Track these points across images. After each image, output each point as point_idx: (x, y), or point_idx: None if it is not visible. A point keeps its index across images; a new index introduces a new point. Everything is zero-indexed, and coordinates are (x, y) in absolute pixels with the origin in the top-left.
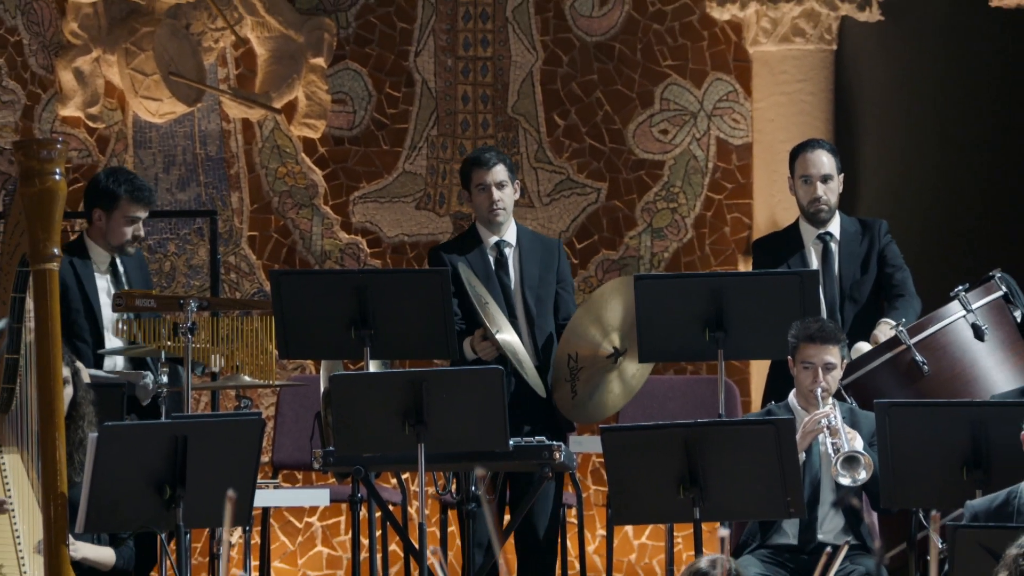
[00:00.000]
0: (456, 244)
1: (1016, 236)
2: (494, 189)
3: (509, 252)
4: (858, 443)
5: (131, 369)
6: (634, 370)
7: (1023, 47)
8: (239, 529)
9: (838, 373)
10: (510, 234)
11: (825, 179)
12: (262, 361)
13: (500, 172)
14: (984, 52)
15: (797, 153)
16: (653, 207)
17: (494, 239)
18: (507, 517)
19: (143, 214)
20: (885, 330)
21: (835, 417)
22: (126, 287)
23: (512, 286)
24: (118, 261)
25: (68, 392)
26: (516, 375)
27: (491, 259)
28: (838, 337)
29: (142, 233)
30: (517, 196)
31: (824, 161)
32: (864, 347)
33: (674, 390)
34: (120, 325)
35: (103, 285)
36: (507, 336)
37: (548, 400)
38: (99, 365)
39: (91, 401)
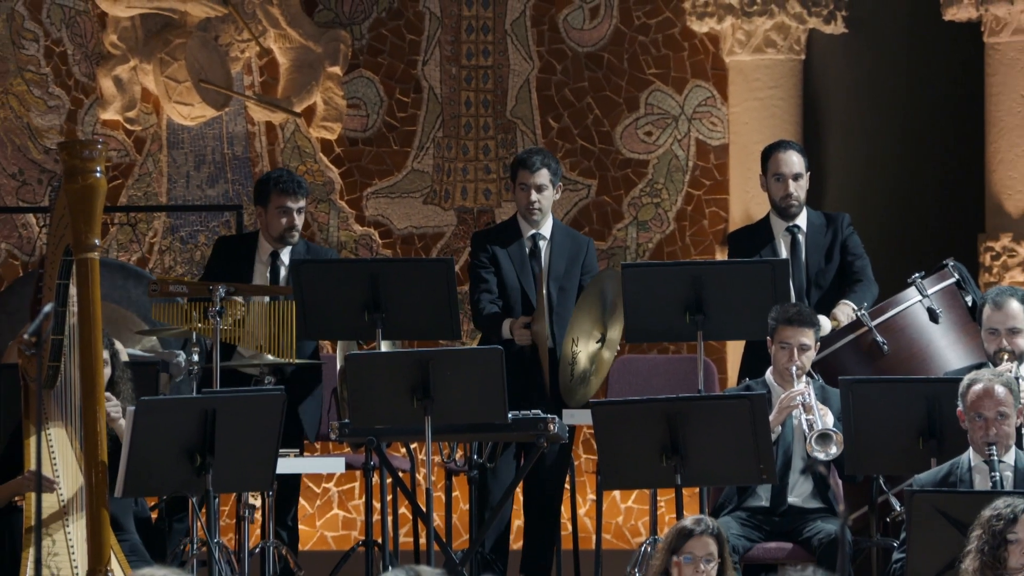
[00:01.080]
0: (497, 231)
1: (968, 228)
2: (533, 192)
3: (543, 244)
4: (830, 419)
5: (166, 349)
6: (607, 356)
7: (973, 56)
8: (263, 493)
9: (812, 354)
10: (546, 228)
11: (795, 177)
12: (284, 340)
13: (542, 176)
14: (938, 61)
15: (769, 153)
16: (638, 202)
17: (531, 231)
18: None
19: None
20: (845, 310)
21: (809, 395)
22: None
23: (543, 276)
24: (282, 254)
25: (106, 372)
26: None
27: (527, 249)
28: (813, 321)
29: (298, 222)
30: (558, 196)
31: (794, 160)
32: (825, 324)
33: (657, 368)
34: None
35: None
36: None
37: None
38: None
39: (128, 379)
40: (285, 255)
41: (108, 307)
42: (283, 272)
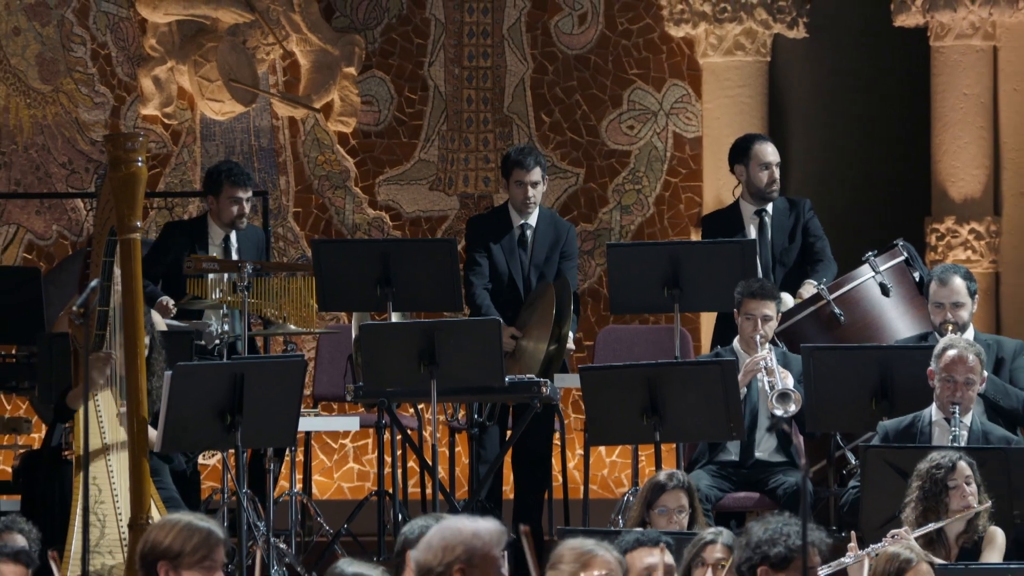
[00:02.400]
0: (490, 217)
1: (916, 212)
2: (529, 188)
3: (529, 233)
4: (789, 381)
5: (199, 320)
6: (571, 346)
7: (920, 59)
8: (287, 448)
9: (774, 324)
10: (533, 218)
11: (777, 165)
12: (304, 313)
13: (536, 174)
14: (890, 62)
15: (751, 145)
16: (622, 188)
17: (520, 221)
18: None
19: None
20: (808, 288)
21: (771, 360)
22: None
23: (527, 262)
24: (232, 236)
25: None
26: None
27: (516, 237)
28: (774, 294)
29: (247, 209)
30: (545, 188)
31: (772, 150)
32: (788, 299)
33: (638, 337)
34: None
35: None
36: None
37: None
38: (178, 316)
39: (163, 356)
40: (234, 238)
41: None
42: (234, 254)
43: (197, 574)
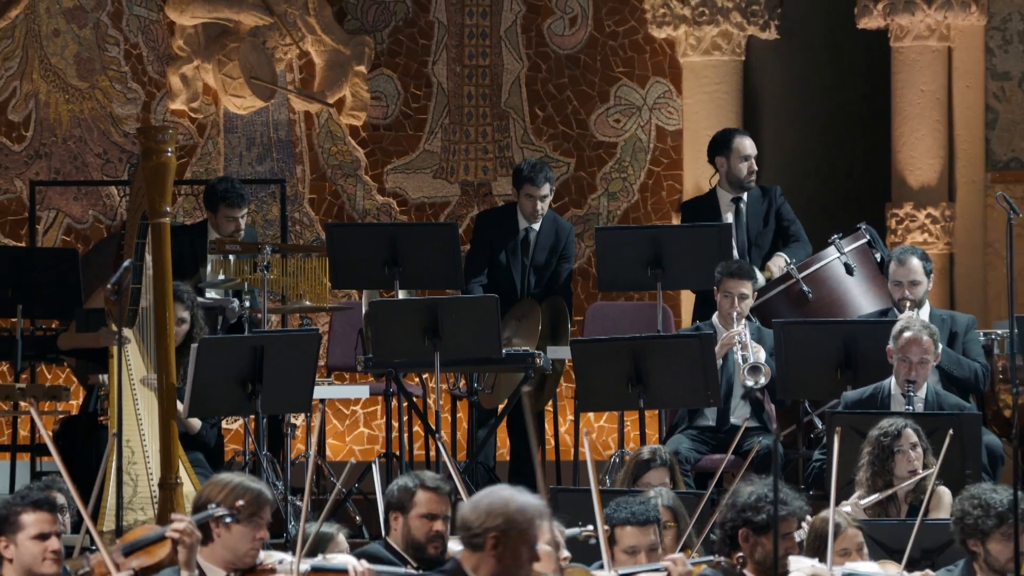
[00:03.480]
0: (499, 215)
1: (877, 198)
2: (538, 201)
3: (532, 236)
4: (761, 355)
5: (223, 297)
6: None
7: (881, 58)
8: (302, 414)
9: (749, 302)
10: (537, 224)
11: (755, 158)
12: (319, 291)
13: (545, 189)
14: (854, 61)
15: (732, 138)
16: (609, 177)
17: (525, 225)
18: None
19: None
20: (778, 262)
21: (745, 335)
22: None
23: (528, 264)
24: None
25: (185, 328)
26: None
27: (519, 239)
28: (751, 275)
29: (242, 226)
30: (552, 197)
31: (751, 144)
32: (760, 277)
33: (625, 313)
34: (215, 264)
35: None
36: None
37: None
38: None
39: (202, 324)
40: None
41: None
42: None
43: (245, 529)
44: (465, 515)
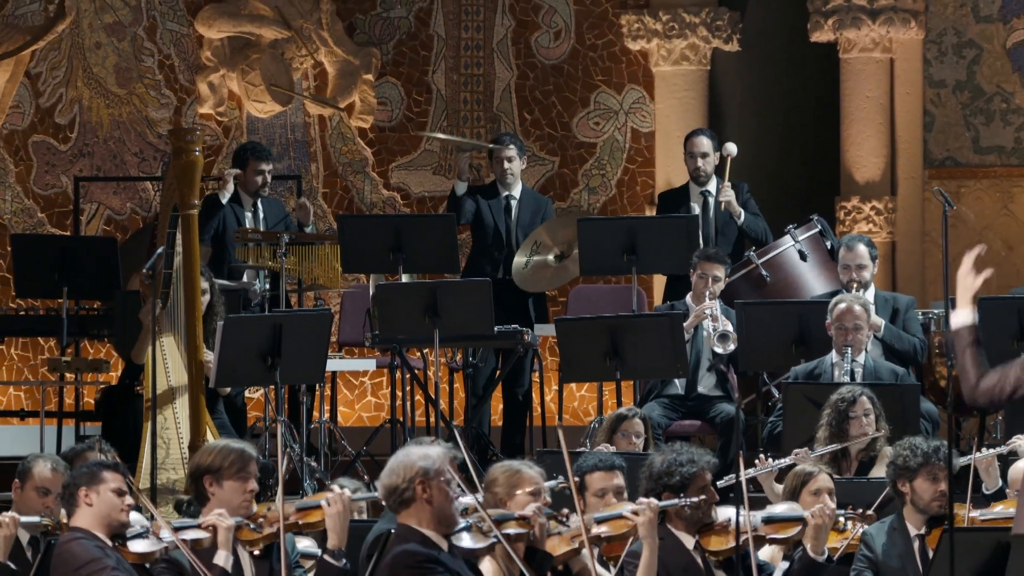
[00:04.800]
0: (484, 190)
1: (828, 192)
2: (505, 162)
3: (514, 203)
4: (730, 326)
5: (247, 279)
6: (568, 273)
7: (832, 67)
8: (317, 384)
9: (722, 284)
10: (516, 191)
11: (703, 155)
12: (331, 274)
13: (510, 150)
14: (808, 70)
15: (686, 138)
16: (589, 173)
17: (506, 193)
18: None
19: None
20: (730, 146)
21: (715, 308)
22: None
23: (513, 225)
24: (259, 203)
25: (207, 298)
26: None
27: (502, 206)
28: (725, 260)
29: (268, 179)
30: (524, 166)
31: (703, 143)
32: (731, 147)
33: (603, 294)
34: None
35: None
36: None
37: (519, 299)
38: (229, 276)
39: (222, 302)
40: (259, 205)
41: (204, 248)
42: (261, 216)
43: (235, 483)
44: (388, 483)
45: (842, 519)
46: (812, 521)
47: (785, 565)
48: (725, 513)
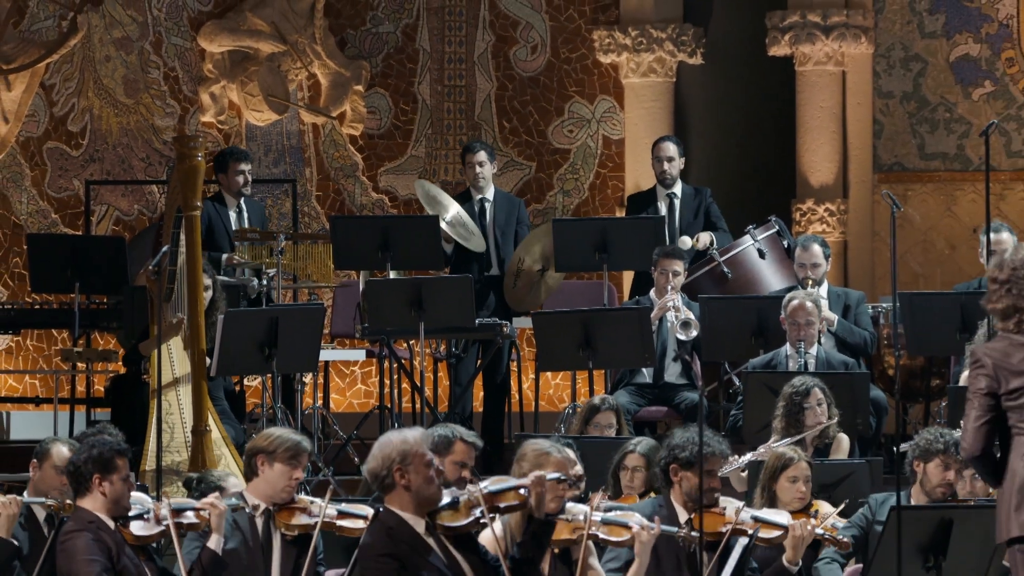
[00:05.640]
0: (457, 198)
1: (785, 195)
2: (477, 166)
3: (488, 205)
4: (691, 315)
5: (249, 275)
6: (552, 282)
7: (788, 79)
8: (310, 373)
9: (681, 278)
10: (489, 194)
11: (668, 160)
12: (324, 271)
13: (481, 155)
14: (767, 82)
15: (654, 144)
16: (564, 177)
17: (479, 196)
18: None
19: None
20: (705, 238)
21: (677, 300)
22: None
23: (489, 225)
24: (242, 203)
25: (209, 294)
26: (490, 278)
27: (476, 210)
28: (683, 256)
29: (249, 179)
30: (495, 170)
31: (669, 148)
32: (687, 240)
33: (577, 289)
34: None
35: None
36: (456, 217)
37: (501, 291)
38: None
39: (224, 298)
40: (243, 205)
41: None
42: (245, 215)
43: (284, 467)
44: (370, 468)
45: (820, 533)
46: (794, 533)
47: (744, 541)
48: (723, 501)
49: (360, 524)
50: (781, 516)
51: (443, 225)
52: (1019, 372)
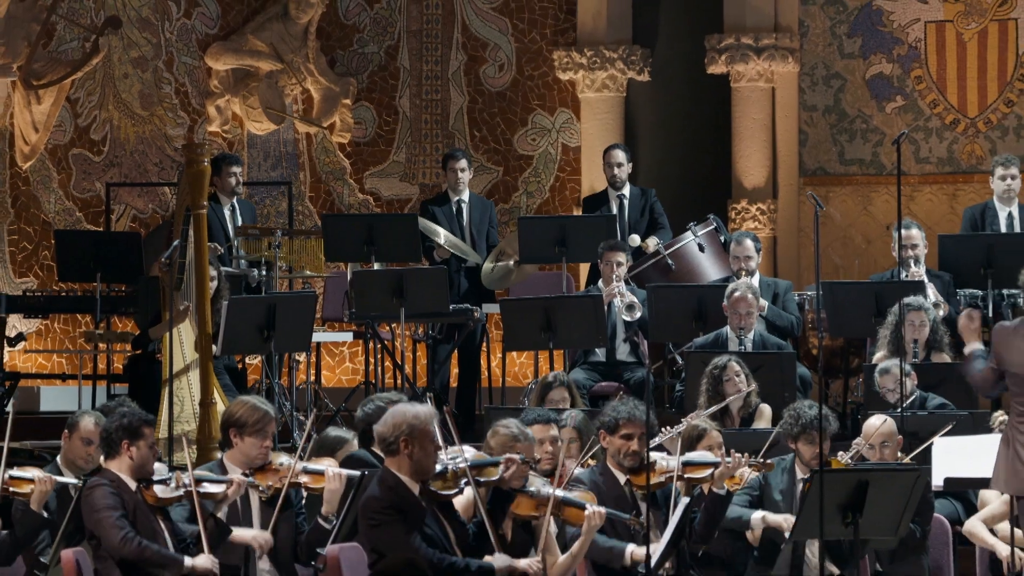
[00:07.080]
0: (436, 200)
1: (721, 195)
2: (459, 172)
3: (464, 206)
4: (635, 299)
5: (246, 267)
6: (523, 274)
7: (725, 94)
8: (303, 353)
9: (624, 268)
10: (465, 196)
11: (618, 165)
12: (316, 263)
13: (463, 163)
14: (706, 96)
15: (605, 151)
16: (527, 180)
17: (456, 198)
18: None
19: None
20: (652, 241)
21: (622, 287)
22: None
23: (465, 224)
24: (235, 202)
25: (215, 283)
26: (465, 269)
27: (454, 210)
28: (625, 248)
29: (241, 180)
30: (471, 175)
31: (619, 155)
32: (636, 238)
33: (538, 279)
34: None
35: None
36: (448, 239)
37: (474, 279)
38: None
39: (227, 287)
40: (236, 204)
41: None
42: (238, 213)
43: (254, 439)
44: (379, 431)
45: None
46: (723, 467)
47: (686, 500)
48: (652, 456)
49: (320, 482)
50: (709, 456)
51: (443, 244)
52: None
